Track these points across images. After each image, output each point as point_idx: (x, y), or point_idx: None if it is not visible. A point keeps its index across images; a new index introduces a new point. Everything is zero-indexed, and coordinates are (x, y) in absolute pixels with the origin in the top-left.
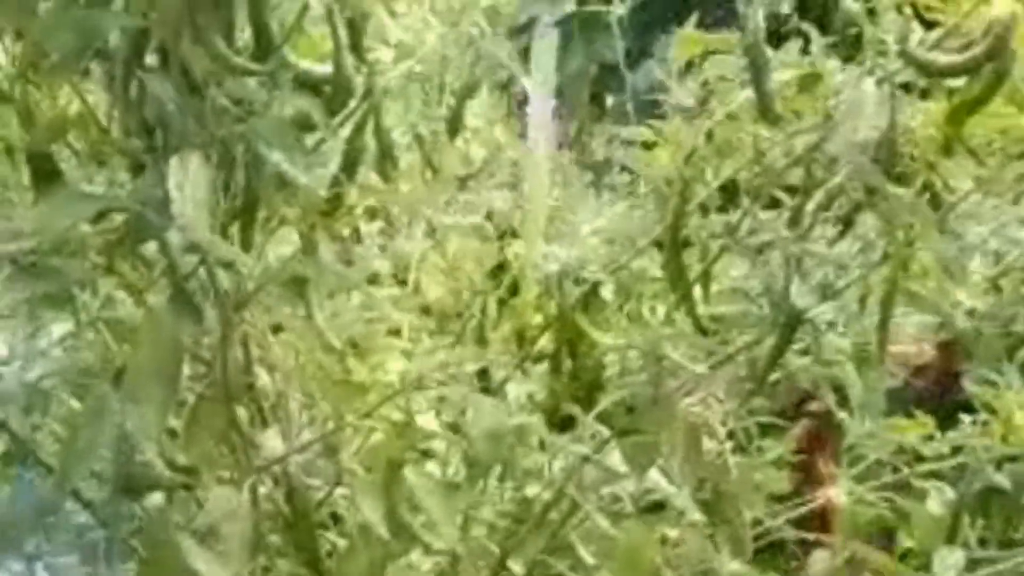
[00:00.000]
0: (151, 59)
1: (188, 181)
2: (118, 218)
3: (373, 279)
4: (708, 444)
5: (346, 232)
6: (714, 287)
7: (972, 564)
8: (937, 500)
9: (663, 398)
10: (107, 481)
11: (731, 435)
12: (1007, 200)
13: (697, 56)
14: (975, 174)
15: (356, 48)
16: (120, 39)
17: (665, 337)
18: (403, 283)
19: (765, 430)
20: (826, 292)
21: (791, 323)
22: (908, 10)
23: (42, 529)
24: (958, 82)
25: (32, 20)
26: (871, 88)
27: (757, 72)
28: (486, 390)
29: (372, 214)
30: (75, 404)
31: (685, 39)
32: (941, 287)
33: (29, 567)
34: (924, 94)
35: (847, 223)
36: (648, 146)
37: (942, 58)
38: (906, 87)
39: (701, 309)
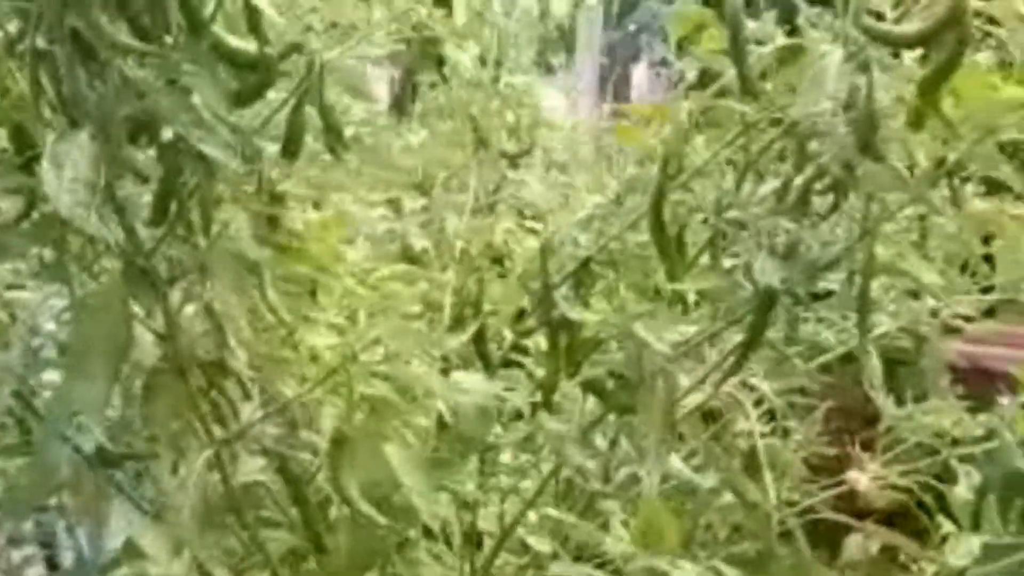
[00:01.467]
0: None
1: (70, 157)
2: None
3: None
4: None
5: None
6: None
7: (997, 550)
8: (965, 484)
9: (646, 376)
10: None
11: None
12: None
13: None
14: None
15: (254, 25)
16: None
17: (639, 315)
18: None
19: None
20: (811, 269)
21: (765, 301)
22: None
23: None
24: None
25: None
26: (836, 57)
27: (735, 44)
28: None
29: (420, 189)
30: None
31: (682, 16)
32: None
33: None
34: None
35: (836, 200)
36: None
37: (898, 28)
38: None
39: (689, 285)
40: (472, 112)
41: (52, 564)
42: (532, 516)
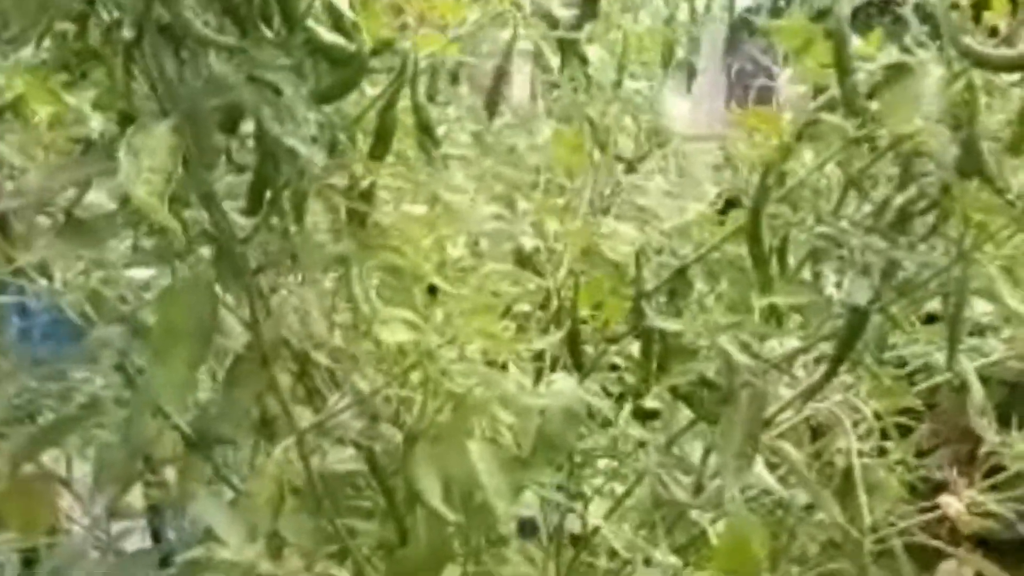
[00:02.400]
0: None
1: (146, 147)
2: None
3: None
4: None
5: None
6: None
7: None
8: None
9: (733, 388)
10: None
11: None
12: None
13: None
14: None
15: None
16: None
17: (728, 327)
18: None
19: None
20: (904, 289)
21: (854, 319)
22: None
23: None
24: None
25: None
26: (936, 77)
27: (840, 60)
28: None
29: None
30: None
31: (787, 29)
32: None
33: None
34: None
35: (935, 222)
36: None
37: (997, 52)
38: None
39: (781, 299)
40: (591, 115)
41: (157, 536)
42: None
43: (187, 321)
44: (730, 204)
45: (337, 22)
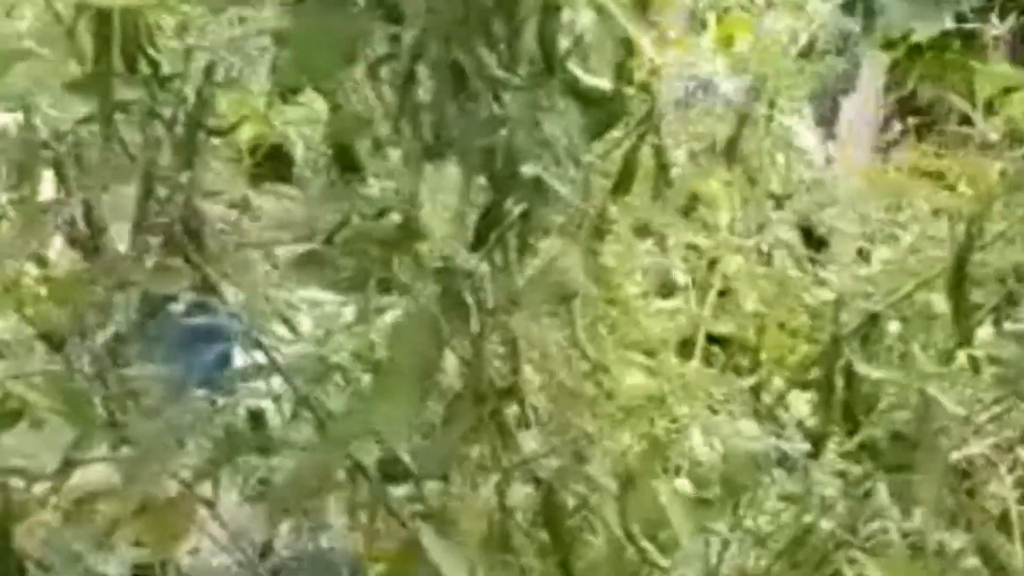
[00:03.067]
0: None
1: (441, 188)
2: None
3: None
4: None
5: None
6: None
7: None
8: None
9: (927, 437)
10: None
11: None
12: None
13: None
14: None
15: (622, 72)
16: (402, 47)
17: (934, 376)
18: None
19: None
20: None
21: None
22: None
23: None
24: None
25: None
26: None
27: None
28: (756, 413)
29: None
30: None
31: (988, 74)
32: None
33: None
34: None
35: None
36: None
37: None
38: None
39: (982, 352)
40: (743, 150)
41: None
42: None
43: (411, 358)
44: None
45: (621, 67)
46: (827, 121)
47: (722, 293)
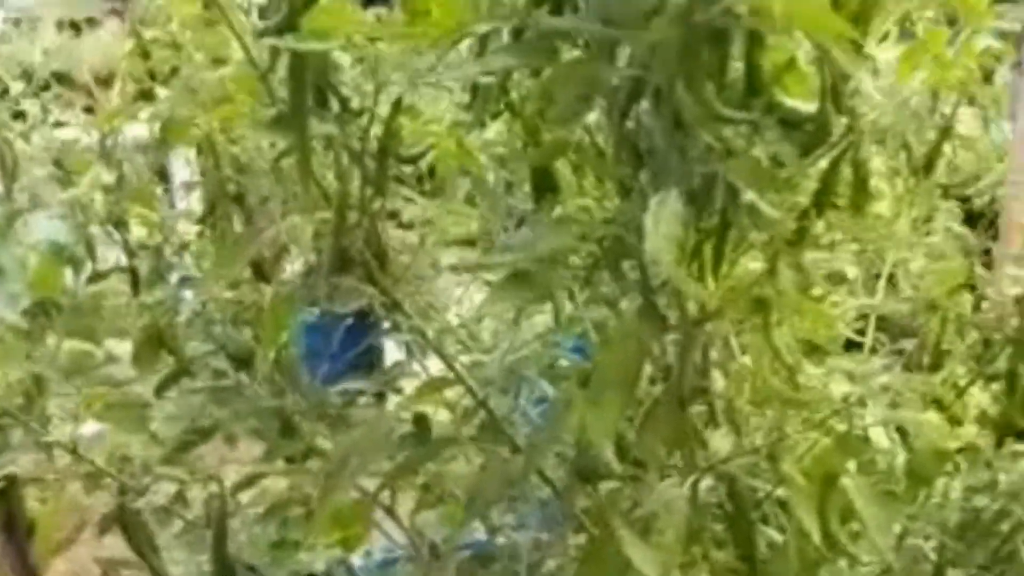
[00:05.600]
0: (647, 101)
1: (664, 216)
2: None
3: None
4: None
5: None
6: None
7: None
8: None
9: None
10: (567, 465)
11: None
12: None
13: None
14: None
15: (836, 96)
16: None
17: None
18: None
19: None
20: None
21: None
22: None
23: (506, 501)
24: None
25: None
26: None
27: None
28: (937, 403)
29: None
30: (549, 391)
31: None
32: None
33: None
34: None
35: None
36: None
37: None
38: None
39: None
40: (909, 140)
41: None
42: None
43: (618, 369)
44: None
45: (835, 92)
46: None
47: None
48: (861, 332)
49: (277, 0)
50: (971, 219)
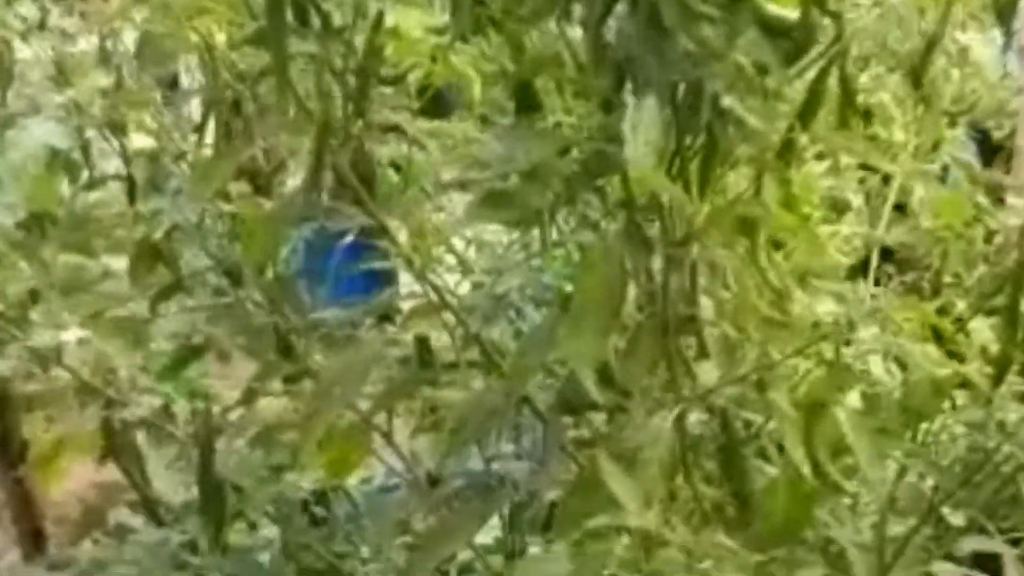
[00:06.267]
0: (623, 4)
1: (642, 122)
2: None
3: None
4: None
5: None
6: None
7: None
8: None
9: None
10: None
11: None
12: None
13: None
14: None
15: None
16: None
17: None
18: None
19: None
20: None
21: None
22: None
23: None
24: None
25: None
26: None
27: None
28: (938, 337)
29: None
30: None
31: None
32: None
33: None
34: None
35: None
36: None
37: None
38: None
39: None
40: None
41: None
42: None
43: (600, 292)
44: None
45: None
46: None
47: (898, 212)
48: (867, 263)
49: None
50: (991, 153)
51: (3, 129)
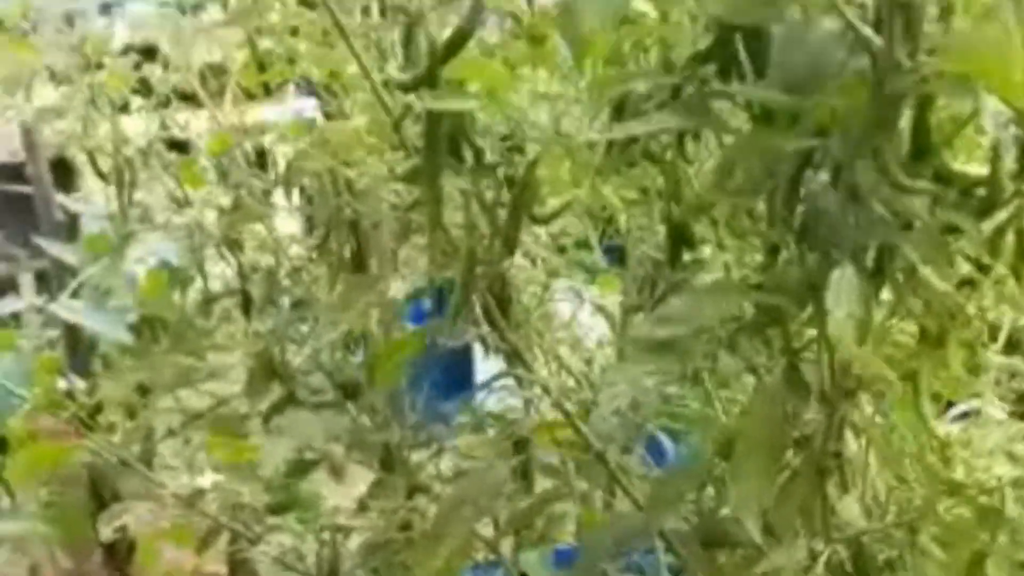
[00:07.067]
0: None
1: (845, 294)
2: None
3: None
4: None
5: None
6: None
7: None
8: None
9: None
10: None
11: None
12: None
13: None
14: None
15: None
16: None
17: None
18: None
19: None
20: None
21: None
22: None
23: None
24: None
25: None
26: None
27: None
28: None
29: None
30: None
31: None
32: None
33: None
34: None
35: None
36: None
37: None
38: None
39: None
40: None
41: None
42: None
43: (764, 436)
44: None
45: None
46: None
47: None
48: None
49: (415, 50)
50: None
51: (123, 244)
